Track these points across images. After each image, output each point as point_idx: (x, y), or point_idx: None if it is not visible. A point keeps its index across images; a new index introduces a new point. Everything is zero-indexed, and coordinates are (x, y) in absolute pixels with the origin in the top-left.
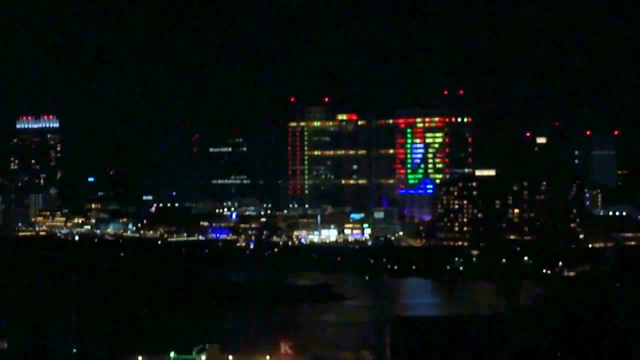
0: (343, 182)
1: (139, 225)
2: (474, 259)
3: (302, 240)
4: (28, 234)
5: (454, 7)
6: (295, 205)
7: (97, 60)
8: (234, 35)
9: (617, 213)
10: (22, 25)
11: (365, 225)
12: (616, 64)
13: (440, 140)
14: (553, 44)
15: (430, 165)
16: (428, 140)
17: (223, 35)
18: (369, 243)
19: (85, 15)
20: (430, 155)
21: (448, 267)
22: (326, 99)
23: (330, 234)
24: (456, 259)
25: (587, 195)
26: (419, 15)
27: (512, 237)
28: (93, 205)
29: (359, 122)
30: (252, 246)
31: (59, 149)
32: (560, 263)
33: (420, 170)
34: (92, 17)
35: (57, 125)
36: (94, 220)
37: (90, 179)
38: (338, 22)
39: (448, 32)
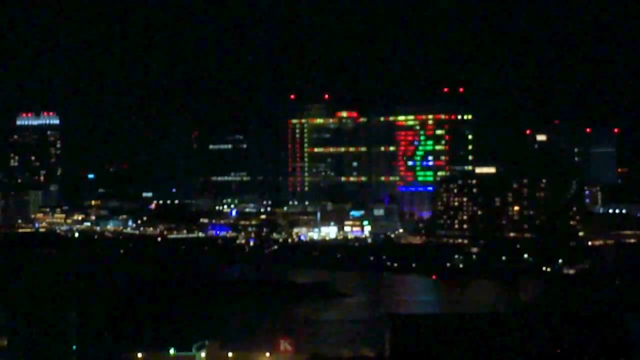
0: (343, 179)
1: (139, 222)
2: (474, 256)
3: (302, 238)
4: (28, 230)
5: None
6: (295, 203)
7: (98, 56)
8: (234, 31)
9: (617, 211)
10: (22, 22)
11: (365, 222)
12: (616, 61)
13: (440, 137)
14: (553, 42)
15: (430, 163)
16: (428, 138)
17: (223, 31)
18: (369, 240)
19: (85, 12)
20: (430, 153)
21: (448, 265)
22: (326, 96)
23: (330, 231)
24: (456, 256)
25: (587, 192)
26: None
27: (511, 234)
28: (93, 202)
29: (359, 119)
30: (252, 243)
31: (59, 145)
32: (560, 261)
33: (419, 168)
34: (92, 13)
35: (57, 122)
36: (93, 217)
37: (90, 176)
38: (338, 19)
39: (449, 29)
